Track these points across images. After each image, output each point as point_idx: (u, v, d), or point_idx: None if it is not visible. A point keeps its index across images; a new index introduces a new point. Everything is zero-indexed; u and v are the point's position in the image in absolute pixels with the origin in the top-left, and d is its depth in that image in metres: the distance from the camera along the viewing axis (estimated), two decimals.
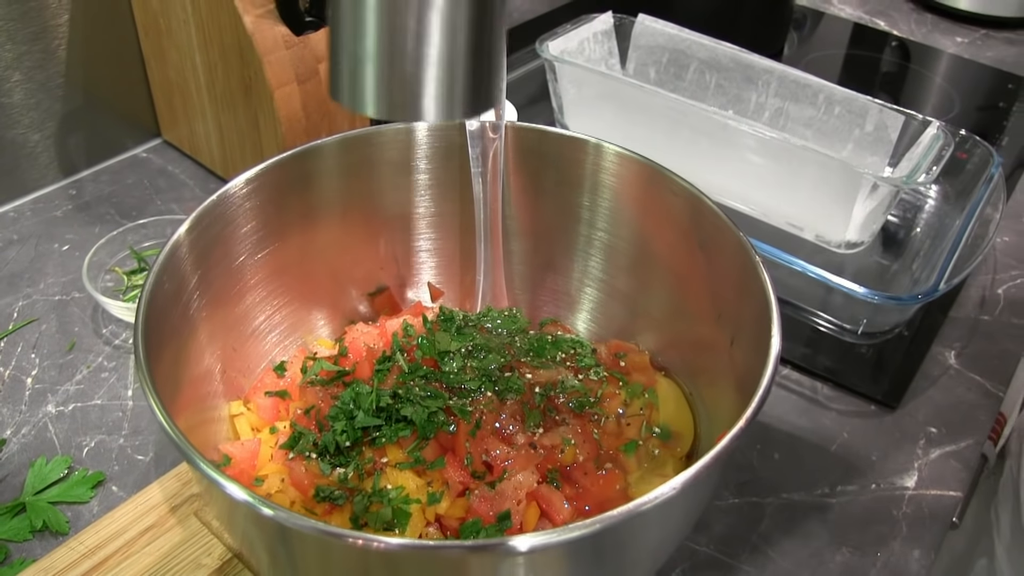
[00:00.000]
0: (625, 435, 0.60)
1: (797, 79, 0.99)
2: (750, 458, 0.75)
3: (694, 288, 0.66)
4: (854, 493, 0.74)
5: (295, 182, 0.67)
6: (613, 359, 0.68)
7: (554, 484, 0.55)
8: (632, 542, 0.44)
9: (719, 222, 0.60)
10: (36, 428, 0.74)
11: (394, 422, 0.57)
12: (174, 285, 0.57)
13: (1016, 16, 1.56)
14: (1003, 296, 0.95)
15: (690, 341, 0.68)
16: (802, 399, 0.81)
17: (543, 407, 0.60)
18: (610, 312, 0.74)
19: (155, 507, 0.65)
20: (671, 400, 0.66)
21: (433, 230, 0.75)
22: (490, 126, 0.67)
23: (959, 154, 0.97)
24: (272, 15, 0.86)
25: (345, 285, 0.74)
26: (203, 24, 0.90)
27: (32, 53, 0.92)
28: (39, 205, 0.98)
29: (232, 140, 0.97)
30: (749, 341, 0.55)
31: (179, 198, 1.00)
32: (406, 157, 0.71)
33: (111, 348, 0.82)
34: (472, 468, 0.55)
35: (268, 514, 0.40)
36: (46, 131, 0.97)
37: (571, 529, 0.40)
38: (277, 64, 0.86)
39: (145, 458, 0.72)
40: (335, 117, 0.93)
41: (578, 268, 0.75)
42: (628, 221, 0.71)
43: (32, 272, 0.90)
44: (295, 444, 0.58)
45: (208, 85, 0.95)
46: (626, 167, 0.68)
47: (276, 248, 0.67)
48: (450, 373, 0.59)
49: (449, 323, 0.65)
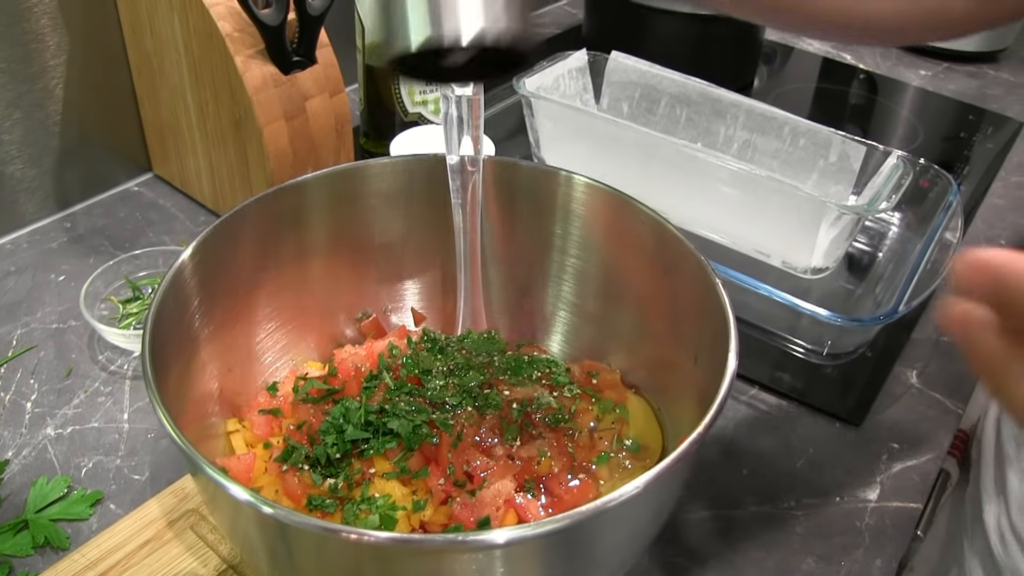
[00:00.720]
0: (597, 448, 0.63)
1: (763, 112, 1.03)
2: (720, 473, 0.78)
3: (659, 310, 0.69)
4: (819, 506, 0.76)
5: (289, 212, 0.70)
6: (586, 377, 0.71)
7: (530, 493, 0.59)
8: (602, 537, 0.48)
9: (682, 247, 0.63)
10: (36, 450, 0.77)
11: (381, 435, 0.60)
12: (177, 308, 0.60)
13: (977, 51, 1.62)
14: None
15: (657, 360, 0.70)
16: (770, 417, 0.84)
17: (520, 422, 0.63)
18: (582, 334, 0.77)
19: (153, 522, 0.68)
20: (640, 415, 0.69)
21: (416, 258, 0.78)
22: (469, 160, 0.70)
23: (921, 183, 1.01)
24: (262, 55, 0.89)
25: (333, 310, 0.77)
26: (195, 64, 0.93)
27: (33, 92, 0.96)
28: (35, 237, 1.01)
29: (222, 174, 1.00)
30: (710, 358, 0.58)
31: (170, 230, 1.03)
32: (392, 189, 0.74)
33: (107, 374, 0.85)
34: (454, 477, 0.58)
35: (269, 512, 0.44)
36: (43, 166, 1.00)
37: (545, 523, 0.43)
38: (266, 102, 0.90)
39: (141, 477, 0.75)
40: (320, 152, 0.97)
41: (552, 293, 0.78)
42: (598, 248, 0.74)
43: (30, 301, 0.92)
44: (288, 457, 0.61)
45: (199, 122, 0.98)
46: (595, 197, 0.71)
47: (271, 274, 0.70)
48: (433, 390, 0.63)
49: (432, 344, 0.69)
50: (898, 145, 1.27)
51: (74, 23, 0.96)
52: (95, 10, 0.98)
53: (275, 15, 0.88)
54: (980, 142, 1.34)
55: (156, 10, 0.94)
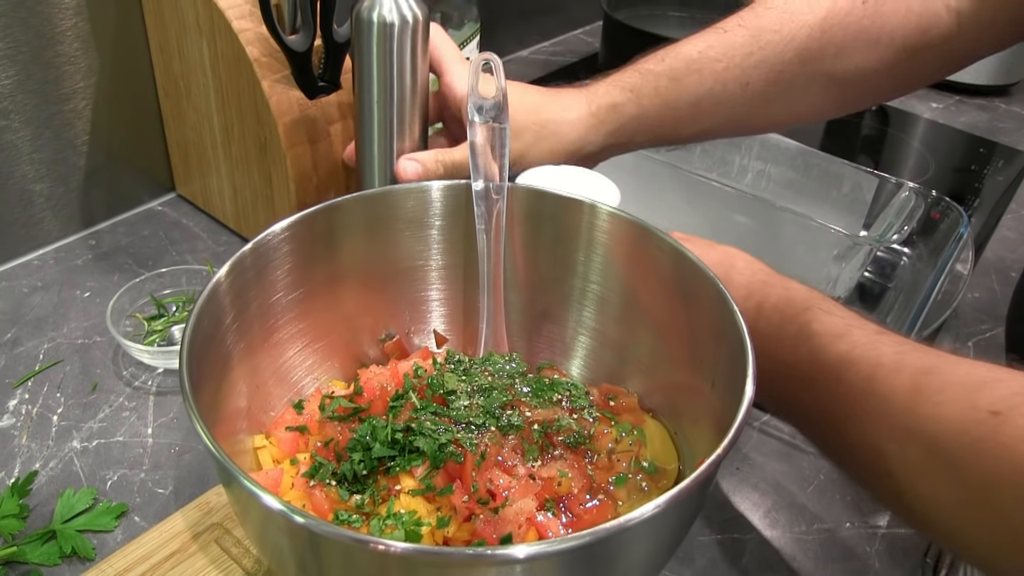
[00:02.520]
0: (615, 469, 0.65)
1: (778, 143, 1.05)
2: (732, 497, 0.80)
3: (678, 336, 0.71)
4: (830, 531, 0.77)
5: (320, 234, 0.72)
6: (605, 401, 0.72)
7: (551, 512, 0.60)
8: (620, 555, 0.49)
9: (700, 275, 0.65)
10: (63, 462, 0.78)
11: (407, 453, 0.62)
12: (212, 326, 0.62)
13: (988, 84, 1.64)
14: (972, 348, 1.00)
15: (674, 385, 0.72)
16: (782, 444, 0.86)
17: (541, 443, 0.64)
18: (602, 358, 0.78)
19: (178, 534, 0.69)
20: (657, 439, 0.70)
21: (440, 282, 0.80)
22: (494, 187, 0.73)
23: (932, 214, 1.03)
24: (287, 80, 0.91)
25: (358, 331, 0.78)
26: (222, 87, 0.95)
27: (63, 113, 0.98)
28: (61, 254, 1.04)
29: (245, 195, 1.02)
30: (727, 384, 0.59)
31: (193, 249, 1.06)
32: (418, 214, 0.76)
33: (131, 389, 0.86)
34: (478, 495, 0.60)
35: (300, 522, 0.45)
36: (70, 185, 1.03)
37: (565, 540, 0.45)
38: (291, 126, 0.92)
39: (165, 491, 0.76)
40: (341, 177, 0.99)
41: (572, 318, 0.79)
42: (618, 275, 0.75)
43: (56, 317, 0.94)
44: (316, 473, 0.63)
45: (224, 144, 1.00)
46: (617, 226, 0.73)
47: (300, 295, 0.71)
48: (458, 410, 0.64)
49: (456, 365, 0.71)
50: (909, 177, 1.29)
51: (104, 46, 0.99)
52: (125, 33, 1.01)
53: (302, 41, 0.90)
54: (991, 174, 1.36)
55: (185, 34, 0.96)
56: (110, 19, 0.98)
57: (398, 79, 0.83)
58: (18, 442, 0.80)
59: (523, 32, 1.67)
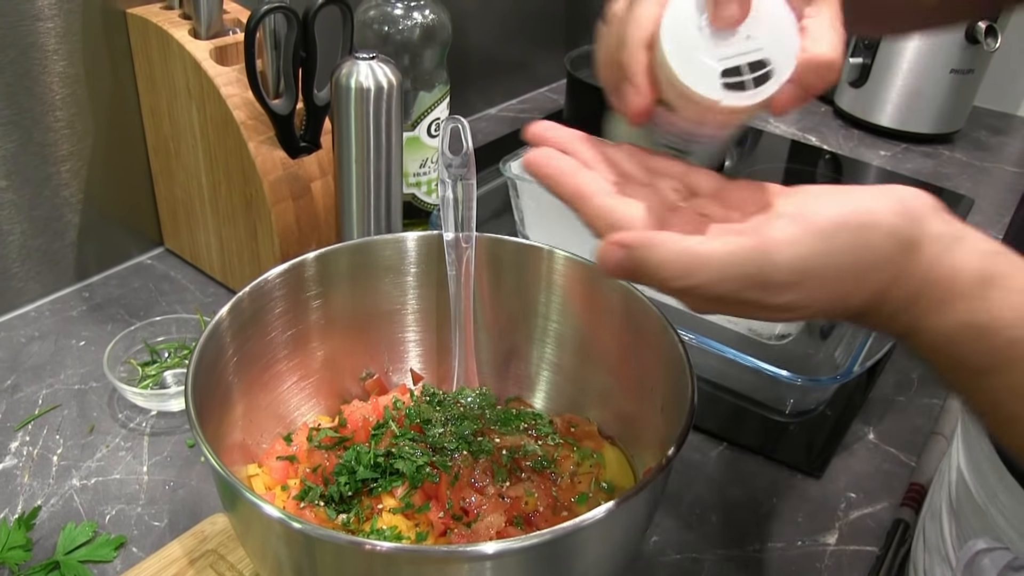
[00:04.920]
0: (577, 489, 0.71)
1: None
2: (690, 521, 0.85)
3: (628, 367, 0.76)
4: (782, 549, 0.82)
5: (307, 281, 0.77)
6: (567, 428, 0.78)
7: (519, 527, 0.67)
8: (578, 553, 0.56)
9: (647, 310, 0.71)
10: (63, 499, 0.83)
11: (388, 475, 0.68)
12: (213, 360, 0.67)
13: (931, 132, 1.73)
14: (916, 379, 1.06)
15: (628, 413, 0.77)
16: (737, 470, 0.91)
17: (509, 466, 0.70)
18: (563, 390, 0.84)
19: (175, 561, 0.75)
20: (615, 462, 0.76)
21: (415, 324, 0.85)
22: (463, 237, 0.79)
23: None
24: (272, 141, 0.98)
25: (341, 370, 0.83)
26: (210, 148, 1.01)
27: (60, 173, 1.04)
28: (56, 306, 1.09)
29: (231, 249, 1.08)
30: (674, 408, 0.65)
31: (182, 300, 1.11)
32: (395, 262, 0.81)
33: (127, 431, 0.91)
34: (452, 512, 0.66)
35: (297, 527, 0.52)
36: (66, 240, 1.08)
37: (529, 538, 0.51)
38: (275, 183, 0.98)
39: (161, 524, 0.81)
40: (323, 229, 1.05)
41: (536, 354, 0.84)
42: (576, 314, 0.80)
43: (53, 364, 0.99)
44: (305, 495, 0.69)
45: (211, 200, 1.06)
46: (573, 269, 0.78)
47: (290, 336, 0.77)
48: (433, 436, 0.71)
49: (432, 397, 0.77)
50: None
51: (99, 110, 1.05)
52: (119, 98, 1.07)
53: (285, 105, 0.97)
54: None
55: (176, 99, 1.02)
56: (105, 86, 1.04)
57: (374, 139, 0.90)
58: (20, 481, 0.84)
59: (491, 92, 1.74)
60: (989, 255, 0.47)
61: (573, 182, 0.51)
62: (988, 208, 1.52)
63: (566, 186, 0.51)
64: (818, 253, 0.45)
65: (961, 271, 0.46)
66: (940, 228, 0.47)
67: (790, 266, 0.44)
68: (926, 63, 1.66)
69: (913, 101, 1.71)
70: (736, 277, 0.45)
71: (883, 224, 0.45)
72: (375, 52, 0.90)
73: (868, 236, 0.45)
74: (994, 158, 1.73)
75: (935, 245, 0.46)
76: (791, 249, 0.44)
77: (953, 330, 0.46)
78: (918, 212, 0.47)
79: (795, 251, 0.44)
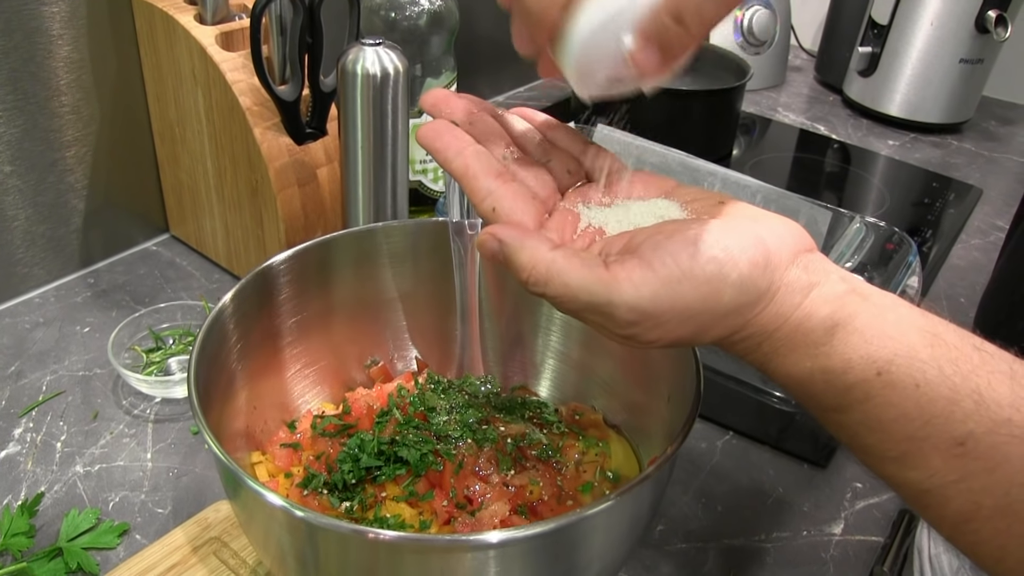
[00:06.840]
0: (582, 478, 0.71)
1: (737, 180, 1.11)
2: (696, 510, 0.84)
3: (635, 357, 0.76)
4: (788, 539, 0.82)
5: (313, 267, 0.77)
6: (572, 417, 0.78)
7: (524, 516, 0.67)
8: (582, 543, 0.55)
9: None
10: (67, 485, 0.83)
11: (392, 463, 0.68)
12: (217, 347, 0.67)
13: (940, 122, 1.73)
14: None
15: (633, 402, 0.77)
16: (743, 461, 0.91)
17: (514, 455, 0.70)
18: (568, 379, 0.83)
19: (179, 548, 0.74)
20: (620, 451, 0.76)
21: (421, 311, 0.85)
22: (469, 224, 0.79)
23: (887, 245, 1.09)
24: (278, 127, 0.97)
25: (346, 358, 0.83)
26: (216, 134, 1.01)
27: (65, 159, 1.04)
28: (61, 292, 1.09)
29: (237, 236, 1.08)
30: (680, 400, 0.65)
31: (187, 287, 1.11)
32: (401, 249, 0.81)
33: (131, 417, 0.91)
34: (456, 500, 0.66)
35: (299, 515, 0.51)
36: (71, 226, 1.08)
37: (533, 526, 0.51)
38: (281, 170, 0.97)
39: (164, 511, 0.81)
40: (328, 216, 1.04)
41: (541, 342, 0.84)
42: None
43: (57, 351, 0.99)
44: (309, 483, 0.68)
45: (217, 187, 1.06)
46: None
47: (295, 323, 0.77)
48: (437, 424, 0.70)
49: (436, 385, 0.76)
50: (868, 210, 1.35)
51: (105, 96, 1.05)
52: (124, 84, 1.07)
53: (291, 91, 0.96)
54: (943, 208, 1.43)
55: (181, 85, 1.02)
56: (110, 71, 1.04)
57: (381, 125, 0.90)
58: (24, 467, 0.84)
59: (499, 79, 1.74)
60: (839, 298, 0.49)
61: (461, 160, 0.54)
62: (996, 198, 1.51)
63: (454, 162, 0.54)
64: (660, 299, 0.47)
65: (810, 318, 0.48)
66: (795, 277, 0.49)
67: (630, 306, 0.47)
68: (935, 53, 1.65)
69: (922, 90, 1.71)
70: (584, 300, 0.48)
71: (732, 277, 0.47)
72: (381, 38, 0.89)
73: (714, 289, 0.47)
74: (1003, 148, 1.73)
75: (788, 295, 0.49)
76: (635, 291, 0.47)
77: (804, 373, 0.49)
78: (776, 261, 0.49)
79: (639, 293, 0.47)
